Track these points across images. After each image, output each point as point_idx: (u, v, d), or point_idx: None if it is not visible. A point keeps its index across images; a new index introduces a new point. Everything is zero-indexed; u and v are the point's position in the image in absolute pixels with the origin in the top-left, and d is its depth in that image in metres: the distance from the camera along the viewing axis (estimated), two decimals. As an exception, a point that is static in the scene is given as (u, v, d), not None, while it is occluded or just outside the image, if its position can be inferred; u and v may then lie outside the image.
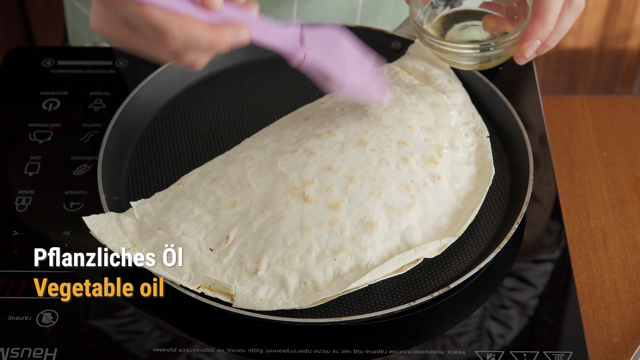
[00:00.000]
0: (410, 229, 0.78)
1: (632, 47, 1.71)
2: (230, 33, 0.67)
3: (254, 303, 0.73)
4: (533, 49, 0.83)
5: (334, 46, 0.77)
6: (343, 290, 0.73)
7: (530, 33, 0.82)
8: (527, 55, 0.83)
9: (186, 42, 0.65)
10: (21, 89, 0.98)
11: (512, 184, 0.85)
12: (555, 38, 0.83)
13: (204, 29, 0.65)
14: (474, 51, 0.87)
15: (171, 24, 0.64)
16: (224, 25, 0.67)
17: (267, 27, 0.72)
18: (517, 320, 0.77)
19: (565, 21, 0.83)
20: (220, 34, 0.66)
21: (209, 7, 0.66)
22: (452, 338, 0.75)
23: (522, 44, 0.83)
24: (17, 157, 0.90)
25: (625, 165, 0.96)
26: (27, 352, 0.74)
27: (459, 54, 0.88)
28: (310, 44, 0.75)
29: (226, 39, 0.67)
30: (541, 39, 0.82)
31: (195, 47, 0.66)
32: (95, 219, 0.78)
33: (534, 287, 0.79)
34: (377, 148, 0.82)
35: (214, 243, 0.76)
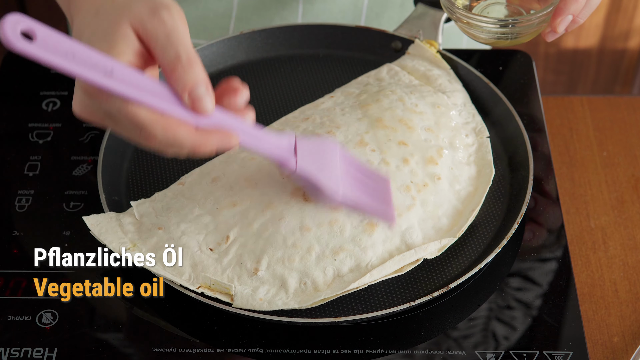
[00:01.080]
0: (410, 229, 0.77)
1: (632, 47, 1.71)
2: (217, 140, 0.64)
3: (253, 303, 0.73)
4: (565, 24, 0.83)
5: (328, 157, 0.74)
6: (343, 291, 0.73)
7: (564, 8, 0.82)
8: (559, 30, 0.83)
9: (169, 143, 0.62)
10: (21, 89, 0.98)
11: (512, 184, 0.85)
12: (585, 13, 0.83)
13: (189, 133, 0.62)
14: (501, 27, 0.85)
15: (155, 124, 0.61)
16: (211, 131, 0.64)
17: (260, 135, 0.69)
18: (517, 320, 0.77)
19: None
20: (205, 140, 0.63)
21: (199, 112, 0.63)
22: (452, 338, 0.75)
23: (555, 19, 0.83)
24: (17, 157, 0.90)
25: (625, 165, 0.96)
26: (27, 352, 0.74)
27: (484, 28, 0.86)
28: (303, 154, 0.72)
29: (211, 145, 0.64)
30: (573, 14, 0.82)
31: (177, 149, 0.63)
32: (95, 219, 0.78)
33: (534, 287, 0.79)
34: (377, 148, 0.82)
35: (214, 243, 0.76)
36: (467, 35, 0.91)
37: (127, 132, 0.63)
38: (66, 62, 0.58)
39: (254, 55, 1.00)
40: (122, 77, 0.60)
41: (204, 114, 0.63)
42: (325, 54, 1.00)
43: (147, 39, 0.63)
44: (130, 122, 0.61)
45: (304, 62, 1.00)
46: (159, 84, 0.62)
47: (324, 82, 0.97)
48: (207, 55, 0.98)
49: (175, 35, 0.62)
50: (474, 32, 0.88)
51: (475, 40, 0.90)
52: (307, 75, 0.98)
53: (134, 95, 0.60)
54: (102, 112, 0.63)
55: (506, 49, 1.01)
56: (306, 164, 0.72)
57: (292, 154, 0.72)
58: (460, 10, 0.86)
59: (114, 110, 0.61)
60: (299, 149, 0.72)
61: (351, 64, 0.99)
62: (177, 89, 0.62)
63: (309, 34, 1.00)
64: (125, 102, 0.61)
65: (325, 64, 0.99)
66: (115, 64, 0.60)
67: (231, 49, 0.99)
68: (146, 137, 0.62)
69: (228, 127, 0.65)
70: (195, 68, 0.62)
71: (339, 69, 0.99)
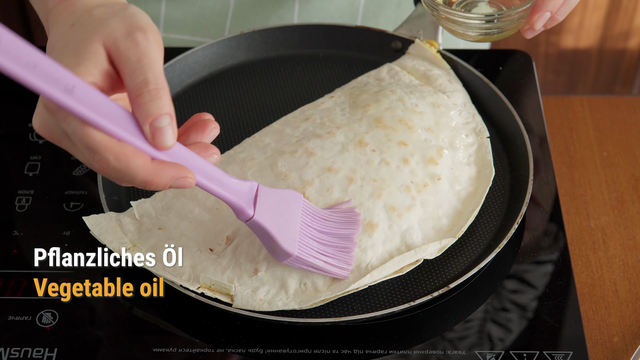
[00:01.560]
0: (410, 229, 0.77)
1: (632, 47, 1.71)
2: (171, 175, 0.60)
3: (253, 303, 0.73)
4: (543, 21, 0.82)
5: (290, 212, 0.72)
6: (343, 291, 0.73)
7: (541, 5, 0.81)
8: (536, 27, 0.83)
9: (121, 172, 0.59)
10: (21, 88, 0.98)
11: (512, 184, 0.85)
12: (564, 11, 0.83)
13: (142, 165, 0.59)
14: (482, 22, 0.85)
15: (109, 150, 0.58)
16: (167, 165, 0.60)
17: (220, 178, 0.66)
18: (517, 321, 0.77)
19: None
20: (158, 174, 0.60)
21: (158, 145, 0.59)
22: (452, 338, 0.75)
23: (533, 16, 0.82)
24: (17, 157, 0.90)
25: (625, 165, 0.96)
26: (27, 352, 0.74)
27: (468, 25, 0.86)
28: (263, 204, 0.70)
29: (164, 180, 0.60)
30: (551, 11, 0.82)
31: (129, 181, 0.60)
32: (95, 219, 0.78)
33: (534, 288, 0.79)
34: (377, 149, 0.82)
35: (214, 243, 0.76)
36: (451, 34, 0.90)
37: (82, 155, 0.60)
38: (25, 73, 0.55)
39: (254, 55, 1.00)
40: (83, 97, 0.57)
41: (163, 148, 0.60)
42: (325, 54, 1.00)
43: (117, 60, 0.60)
44: (84, 145, 0.58)
45: (304, 62, 1.00)
46: (121, 109, 0.59)
47: (324, 82, 0.97)
48: (207, 55, 0.98)
49: (147, 59, 0.59)
50: (458, 29, 0.88)
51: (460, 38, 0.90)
52: (307, 75, 0.98)
53: (92, 117, 0.57)
54: (59, 130, 0.60)
55: (505, 49, 1.01)
56: (264, 215, 0.70)
57: (251, 202, 0.69)
58: (442, 7, 0.86)
59: (70, 130, 0.58)
60: (259, 198, 0.70)
61: (351, 64, 0.99)
62: (139, 117, 0.59)
63: (309, 34, 1.00)
64: (81, 124, 0.57)
65: (325, 64, 0.99)
66: (78, 82, 0.57)
67: (231, 49, 0.99)
68: (99, 162, 0.59)
69: (186, 164, 0.62)
70: (161, 98, 0.59)
71: (339, 69, 0.99)
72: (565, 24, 1.67)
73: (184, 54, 0.96)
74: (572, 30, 1.67)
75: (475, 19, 0.85)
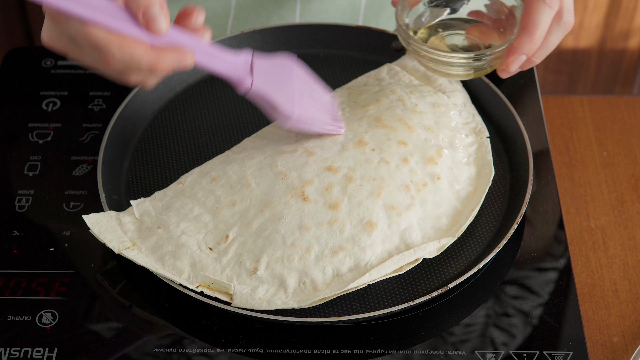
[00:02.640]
0: (409, 229, 0.77)
1: (632, 47, 1.71)
2: (172, 57, 0.66)
3: (252, 302, 0.73)
4: (518, 64, 0.81)
5: (285, 76, 0.76)
6: (342, 290, 0.73)
7: (517, 47, 0.80)
8: (511, 69, 0.81)
9: (126, 62, 0.64)
10: (21, 89, 0.98)
11: (512, 184, 0.85)
12: (541, 54, 0.81)
13: (145, 51, 0.64)
14: (467, 61, 0.84)
15: (111, 44, 0.63)
16: (167, 49, 0.66)
17: (215, 53, 0.71)
18: (517, 321, 0.77)
19: (552, 38, 0.81)
20: (160, 57, 0.65)
21: (153, 31, 0.65)
22: (452, 338, 0.75)
23: (508, 58, 0.81)
24: (17, 157, 0.90)
25: (625, 165, 0.96)
26: (27, 352, 0.74)
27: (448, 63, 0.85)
28: (259, 73, 0.74)
29: (167, 62, 0.66)
30: (527, 54, 0.80)
31: (135, 69, 0.65)
32: (95, 218, 0.78)
33: (533, 288, 0.79)
34: (377, 148, 0.82)
35: (213, 242, 0.76)
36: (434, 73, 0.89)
37: (87, 56, 0.65)
38: None
39: (254, 55, 1.00)
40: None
41: (158, 33, 0.65)
42: (325, 53, 1.00)
43: None
44: (88, 44, 0.63)
45: (305, 61, 0.99)
46: (116, 5, 0.64)
47: (324, 81, 0.97)
48: (207, 55, 0.98)
49: None
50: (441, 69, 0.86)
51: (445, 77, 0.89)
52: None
53: (90, 15, 0.62)
54: (65, 36, 0.65)
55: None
56: (262, 83, 0.74)
57: (248, 72, 0.73)
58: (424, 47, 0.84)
59: (73, 32, 0.63)
60: (255, 68, 0.73)
61: (351, 63, 0.99)
62: (132, 8, 0.64)
63: (310, 33, 1.00)
64: (82, 24, 0.62)
65: (326, 64, 0.99)
66: None
67: (232, 49, 0.99)
68: (104, 57, 0.64)
69: (183, 45, 0.67)
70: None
71: (339, 68, 0.99)
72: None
73: (184, 54, 0.96)
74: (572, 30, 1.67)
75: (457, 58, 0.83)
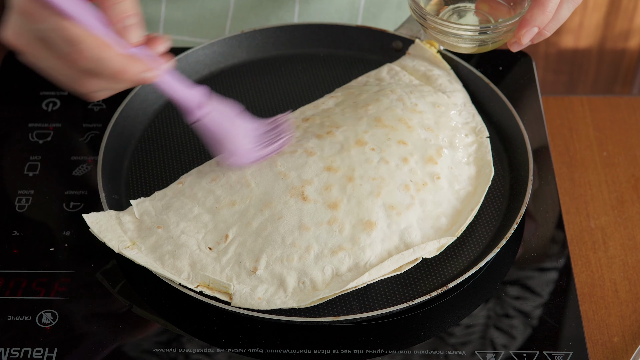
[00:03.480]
0: (409, 228, 0.77)
1: (632, 47, 1.71)
2: (139, 67, 0.67)
3: (252, 302, 0.73)
4: (530, 36, 0.82)
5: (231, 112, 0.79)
6: (341, 290, 0.73)
7: (529, 19, 0.80)
8: (523, 41, 0.82)
9: (97, 62, 0.65)
10: (21, 89, 0.98)
11: (511, 184, 0.85)
12: (552, 26, 0.82)
13: (117, 55, 0.66)
14: (474, 33, 0.85)
15: (87, 40, 0.64)
16: (135, 59, 0.67)
17: (174, 80, 0.74)
18: (517, 321, 0.77)
19: (563, 10, 0.82)
20: (129, 65, 0.66)
21: (126, 39, 0.67)
22: (452, 338, 0.75)
23: (520, 30, 0.82)
24: (17, 157, 0.90)
25: (625, 165, 0.96)
26: (27, 352, 0.74)
27: (457, 35, 0.86)
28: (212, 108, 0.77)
29: (134, 71, 0.67)
30: (539, 27, 0.81)
31: (102, 71, 0.66)
32: (95, 217, 0.78)
33: (533, 288, 0.79)
34: (377, 147, 0.82)
35: (213, 242, 0.76)
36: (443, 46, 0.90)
37: (56, 55, 0.66)
38: None
39: (254, 54, 1.00)
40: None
41: (130, 41, 0.67)
42: (325, 53, 1.00)
43: None
44: (62, 38, 0.64)
45: (305, 61, 1.00)
46: (94, 7, 0.66)
47: (324, 81, 0.97)
48: (207, 54, 0.98)
49: None
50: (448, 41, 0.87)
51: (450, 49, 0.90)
52: (308, 75, 0.98)
53: (73, 11, 0.64)
54: (33, 33, 0.65)
55: (505, 50, 1.01)
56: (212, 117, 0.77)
57: (202, 104, 0.76)
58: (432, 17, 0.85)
59: (47, 27, 0.64)
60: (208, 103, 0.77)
61: (351, 63, 0.99)
62: (111, 15, 0.66)
63: (310, 33, 1.00)
64: (61, 19, 0.64)
65: (326, 64, 0.99)
66: None
67: (232, 48, 0.99)
68: (77, 53, 0.64)
69: (149, 62, 0.69)
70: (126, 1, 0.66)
71: (339, 68, 0.99)
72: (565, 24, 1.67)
73: (185, 53, 0.96)
74: (572, 30, 1.67)
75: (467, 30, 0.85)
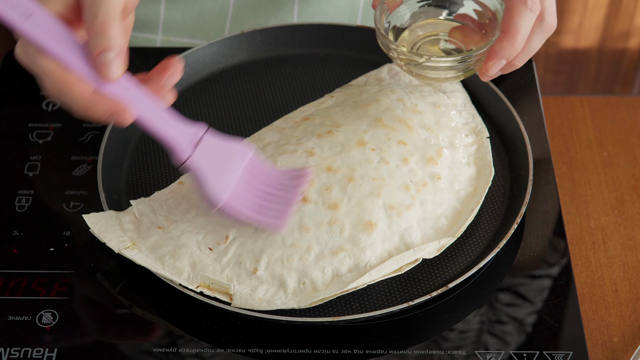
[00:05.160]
0: (409, 229, 0.77)
1: (632, 47, 1.71)
2: (107, 108, 0.64)
3: (252, 302, 0.73)
4: (498, 67, 0.78)
5: (231, 162, 0.73)
6: (342, 291, 0.73)
7: (498, 51, 0.77)
8: (490, 72, 0.79)
9: (63, 98, 0.63)
10: (21, 89, 0.98)
11: (512, 184, 0.85)
12: (522, 58, 0.79)
13: (82, 93, 0.63)
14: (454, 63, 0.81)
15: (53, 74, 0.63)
16: (105, 99, 0.63)
17: (166, 117, 0.69)
18: (517, 321, 0.77)
19: (534, 41, 0.79)
20: (95, 105, 0.63)
21: (102, 76, 0.63)
22: (452, 338, 0.75)
23: (488, 62, 0.78)
24: (17, 157, 0.90)
25: (625, 165, 0.96)
26: (27, 352, 0.74)
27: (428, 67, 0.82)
28: (204, 150, 0.71)
29: (99, 112, 0.64)
30: (507, 59, 0.78)
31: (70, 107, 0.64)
32: (95, 217, 0.78)
33: (533, 287, 0.79)
34: (377, 148, 0.82)
35: (213, 242, 0.76)
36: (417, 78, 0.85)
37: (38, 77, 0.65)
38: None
39: (254, 54, 1.00)
40: (39, 24, 0.61)
41: (108, 80, 0.63)
42: (325, 53, 1.00)
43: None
44: (38, 68, 0.63)
45: (304, 61, 1.00)
46: (75, 40, 0.63)
47: (324, 81, 0.97)
48: (207, 54, 0.98)
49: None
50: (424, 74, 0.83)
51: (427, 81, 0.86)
52: (307, 75, 0.98)
53: (42, 43, 0.62)
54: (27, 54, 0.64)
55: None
56: (200, 160, 0.71)
57: (192, 145, 0.71)
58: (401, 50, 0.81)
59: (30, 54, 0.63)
60: (202, 144, 0.71)
61: (351, 63, 0.99)
62: (89, 48, 0.63)
63: (310, 33, 1.00)
64: (36, 49, 0.62)
65: (326, 64, 0.99)
66: (37, 10, 0.61)
67: (232, 48, 0.99)
68: (46, 85, 0.64)
69: (127, 100, 0.65)
70: (108, 32, 0.62)
71: (339, 68, 0.99)
72: (565, 24, 1.67)
73: (184, 53, 0.96)
74: (572, 30, 1.67)
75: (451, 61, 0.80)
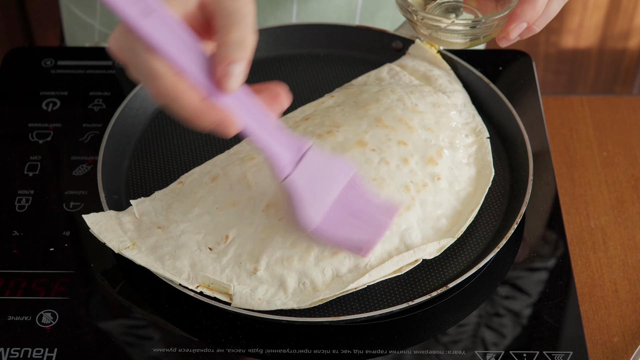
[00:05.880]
0: (409, 229, 0.77)
1: (632, 47, 1.71)
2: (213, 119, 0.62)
3: (252, 303, 0.73)
4: (519, 31, 0.80)
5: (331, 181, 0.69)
6: (342, 291, 0.73)
7: (519, 14, 0.79)
8: (511, 36, 0.81)
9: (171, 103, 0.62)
10: (21, 89, 0.98)
11: (512, 184, 0.85)
12: (541, 22, 0.81)
13: (191, 101, 0.62)
14: (464, 28, 0.84)
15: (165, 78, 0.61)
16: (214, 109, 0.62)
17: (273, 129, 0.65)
18: (517, 321, 0.77)
19: (553, 5, 0.81)
20: (202, 115, 0.62)
21: (220, 87, 0.61)
22: (452, 338, 0.75)
23: (509, 25, 0.80)
24: (17, 157, 0.90)
25: (625, 165, 0.96)
26: (27, 352, 0.74)
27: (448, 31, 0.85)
28: (305, 167, 0.67)
29: (205, 122, 0.62)
30: (528, 22, 0.80)
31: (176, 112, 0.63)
32: (95, 217, 0.78)
33: (533, 287, 0.79)
34: (377, 148, 0.82)
35: (213, 242, 0.76)
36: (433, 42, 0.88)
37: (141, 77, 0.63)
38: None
39: (254, 54, 1.00)
40: (157, 24, 0.58)
41: (226, 91, 0.62)
42: (325, 53, 1.00)
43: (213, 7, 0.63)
44: (144, 69, 0.61)
45: (304, 61, 1.00)
46: (195, 44, 0.60)
47: (324, 81, 0.97)
48: (207, 55, 0.98)
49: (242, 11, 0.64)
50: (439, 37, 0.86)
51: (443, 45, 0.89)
52: (307, 75, 0.98)
53: (157, 44, 0.59)
54: (130, 51, 0.62)
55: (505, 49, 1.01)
56: (300, 178, 0.68)
57: (294, 162, 0.68)
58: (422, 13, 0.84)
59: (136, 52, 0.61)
60: (304, 160, 0.68)
61: (351, 63, 0.99)
62: (220, 55, 0.61)
63: (310, 33, 1.00)
64: (146, 49, 0.60)
65: (326, 64, 0.99)
66: (158, 8, 0.58)
67: None
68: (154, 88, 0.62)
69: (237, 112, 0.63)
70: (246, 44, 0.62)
71: (339, 68, 0.99)
72: (565, 24, 1.68)
73: (184, 54, 0.96)
74: (572, 30, 1.67)
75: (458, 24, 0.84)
